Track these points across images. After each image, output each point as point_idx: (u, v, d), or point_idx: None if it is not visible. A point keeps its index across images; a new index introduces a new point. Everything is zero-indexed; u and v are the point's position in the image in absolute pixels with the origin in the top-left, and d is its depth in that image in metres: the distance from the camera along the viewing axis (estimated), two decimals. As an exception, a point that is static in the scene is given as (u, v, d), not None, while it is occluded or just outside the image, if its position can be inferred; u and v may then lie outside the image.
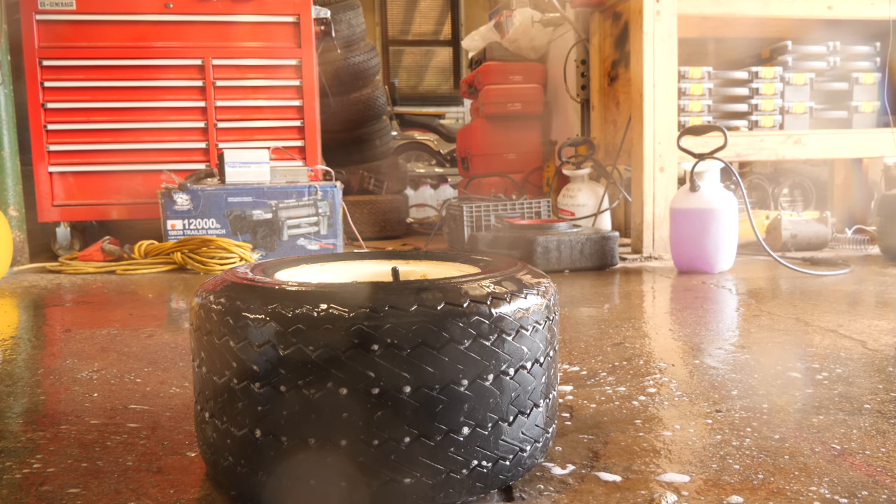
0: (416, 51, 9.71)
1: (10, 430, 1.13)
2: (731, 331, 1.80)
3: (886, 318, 1.84)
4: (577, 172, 3.88)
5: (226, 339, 0.81)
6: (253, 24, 3.71)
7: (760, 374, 1.36)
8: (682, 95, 3.55)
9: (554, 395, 0.94)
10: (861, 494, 0.85)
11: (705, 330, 1.79)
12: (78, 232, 3.74)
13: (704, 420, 1.12)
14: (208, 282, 0.91)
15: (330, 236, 3.43)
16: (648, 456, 0.98)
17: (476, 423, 0.80)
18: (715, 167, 2.80)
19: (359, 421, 0.76)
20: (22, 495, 0.89)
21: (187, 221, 3.27)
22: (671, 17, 3.27)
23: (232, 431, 0.82)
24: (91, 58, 3.59)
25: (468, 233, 3.36)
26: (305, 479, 0.78)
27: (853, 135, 3.67)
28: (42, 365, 1.56)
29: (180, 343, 1.72)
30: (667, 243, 3.13)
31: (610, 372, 1.41)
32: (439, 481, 0.79)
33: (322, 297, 0.79)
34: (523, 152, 4.89)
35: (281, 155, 3.76)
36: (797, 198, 4.65)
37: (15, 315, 2.22)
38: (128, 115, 3.65)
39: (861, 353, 1.51)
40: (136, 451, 1.03)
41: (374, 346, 0.75)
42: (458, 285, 0.82)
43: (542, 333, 0.87)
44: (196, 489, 0.90)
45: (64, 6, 3.53)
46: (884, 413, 1.13)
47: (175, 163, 3.66)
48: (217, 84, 3.69)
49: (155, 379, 1.41)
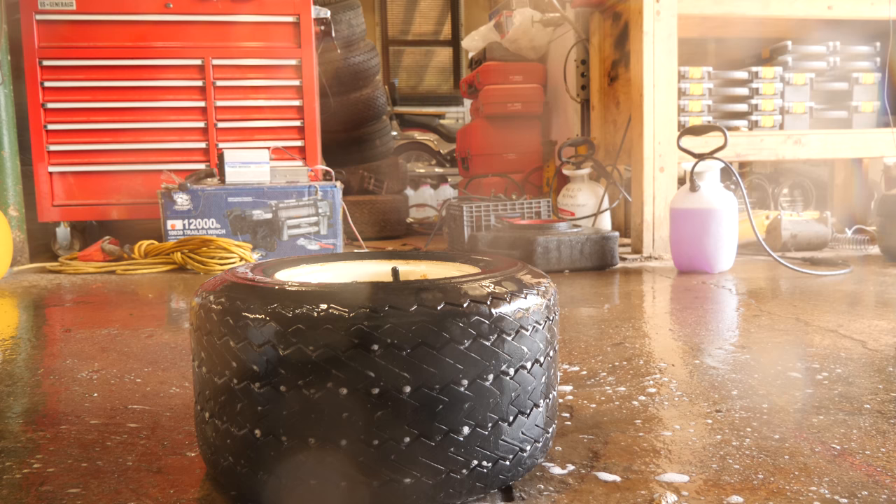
0: (416, 51, 9.71)
1: (10, 430, 1.13)
2: (731, 331, 1.80)
3: (886, 318, 1.84)
4: (577, 172, 3.88)
5: (226, 339, 0.81)
6: (253, 24, 3.71)
7: (760, 374, 1.36)
8: (682, 95, 3.55)
9: (554, 395, 0.94)
10: (861, 494, 0.85)
11: (705, 330, 1.79)
12: (78, 232, 3.74)
13: (704, 420, 1.12)
14: (208, 282, 0.91)
15: (330, 236, 3.43)
16: (648, 456, 0.98)
17: (476, 423, 0.80)
18: (715, 167, 2.80)
19: (359, 421, 0.76)
20: (22, 495, 0.89)
21: (187, 221, 3.27)
22: (671, 17, 3.27)
23: (232, 431, 0.82)
24: (91, 58, 3.59)
25: (468, 233, 3.36)
26: (305, 479, 0.78)
27: (853, 135, 3.67)
28: (42, 365, 1.56)
29: (180, 343, 1.72)
30: (667, 243, 3.13)
31: (610, 372, 1.41)
32: (439, 481, 0.79)
33: (322, 297, 0.79)
34: (523, 152, 4.89)
35: (281, 155, 3.76)
36: (797, 198, 4.65)
37: (15, 315, 2.23)
38: (128, 115, 3.65)
39: (861, 353, 1.51)
40: (136, 451, 1.03)
41: (374, 346, 0.75)
42: (458, 285, 0.82)
43: (542, 333, 0.87)
44: (196, 489, 0.90)
45: (64, 6, 3.53)
46: (884, 413, 1.13)
47: (175, 163, 3.66)
48: (217, 84, 3.69)
49: (155, 379, 1.41)
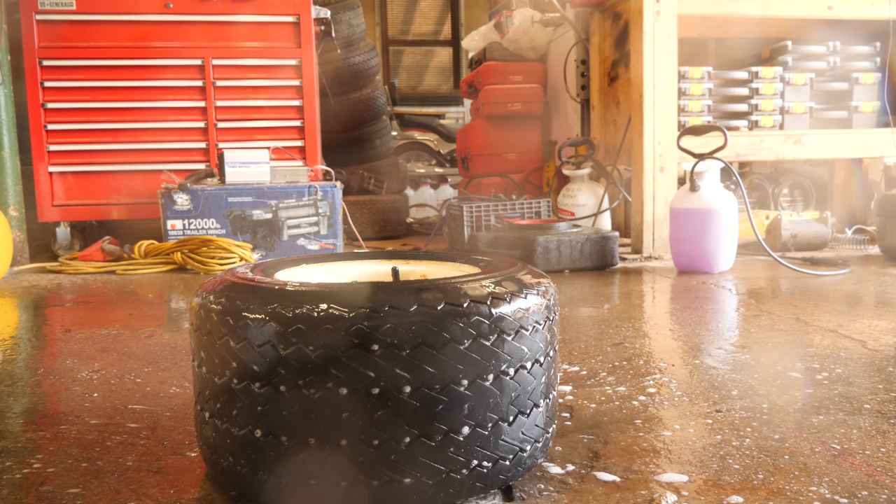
0: (416, 51, 9.71)
1: (10, 430, 1.13)
2: (731, 331, 1.80)
3: (886, 318, 1.84)
4: (577, 172, 3.88)
5: (226, 339, 0.81)
6: (253, 24, 3.71)
7: (760, 374, 1.36)
8: (682, 95, 3.54)
9: (554, 395, 0.94)
10: (861, 494, 0.85)
11: (705, 330, 1.79)
12: (78, 232, 3.74)
13: (704, 420, 1.12)
14: (208, 282, 0.91)
15: (330, 236, 3.43)
16: (648, 456, 0.98)
17: (476, 423, 0.80)
18: (715, 167, 2.80)
19: (359, 421, 0.76)
20: (22, 495, 0.89)
21: (187, 221, 3.27)
22: (671, 17, 3.27)
23: (232, 431, 0.82)
24: (91, 58, 3.59)
25: (468, 233, 3.36)
26: (306, 479, 0.78)
27: (853, 135, 3.67)
28: (42, 365, 1.56)
29: (180, 343, 1.72)
30: (667, 243, 3.13)
31: (610, 372, 1.41)
32: (439, 481, 0.79)
33: (322, 297, 0.79)
34: (523, 152, 4.89)
35: (281, 155, 3.76)
36: (797, 198, 4.65)
37: (15, 315, 2.22)
38: (128, 115, 3.65)
39: (861, 353, 1.51)
40: (136, 451, 1.03)
41: (374, 346, 0.75)
42: (458, 285, 0.82)
43: (542, 333, 0.87)
44: (196, 489, 0.90)
45: (64, 6, 3.53)
46: (884, 413, 1.13)
47: (175, 163, 3.66)
48: (217, 84, 3.69)
49: (155, 379, 1.41)
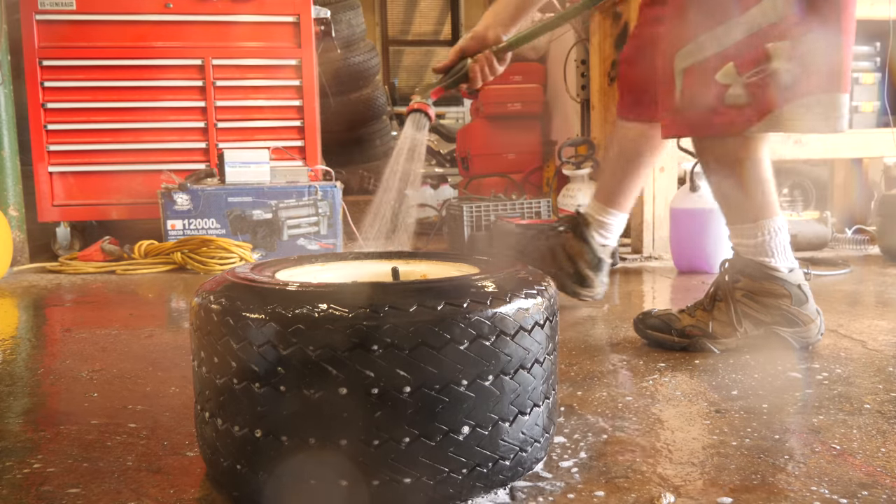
0: (416, 51, 9.71)
1: (10, 430, 1.13)
2: (731, 331, 1.80)
3: (886, 318, 1.84)
4: (577, 172, 3.87)
5: (226, 339, 0.81)
6: (253, 24, 3.71)
7: (760, 374, 1.36)
8: (682, 95, 3.54)
9: (554, 395, 0.94)
10: (861, 494, 0.85)
11: (705, 330, 1.78)
12: (78, 232, 3.74)
13: (704, 420, 1.12)
14: (208, 282, 0.91)
15: (330, 236, 3.43)
16: (648, 456, 0.98)
17: (476, 424, 0.80)
18: (715, 167, 2.80)
19: (359, 421, 0.76)
20: (22, 495, 0.89)
21: (187, 221, 3.27)
22: (671, 17, 3.27)
23: (232, 431, 0.82)
24: (91, 58, 3.59)
25: (468, 233, 3.36)
26: (306, 479, 0.78)
27: (853, 135, 3.67)
28: (42, 365, 1.56)
29: (180, 343, 1.72)
30: (667, 243, 3.12)
31: (610, 372, 1.41)
32: (439, 481, 0.79)
33: (322, 297, 0.78)
34: (523, 152, 4.88)
35: (281, 155, 3.76)
36: (797, 198, 4.65)
37: (15, 315, 2.22)
38: (128, 115, 3.64)
39: (861, 353, 1.51)
40: (136, 451, 1.03)
41: (374, 346, 0.75)
42: (459, 285, 0.82)
43: (542, 333, 0.87)
44: (196, 489, 0.90)
45: (64, 6, 3.53)
46: (884, 413, 1.13)
47: (175, 163, 3.65)
48: (217, 84, 3.69)
49: (155, 379, 1.41)
